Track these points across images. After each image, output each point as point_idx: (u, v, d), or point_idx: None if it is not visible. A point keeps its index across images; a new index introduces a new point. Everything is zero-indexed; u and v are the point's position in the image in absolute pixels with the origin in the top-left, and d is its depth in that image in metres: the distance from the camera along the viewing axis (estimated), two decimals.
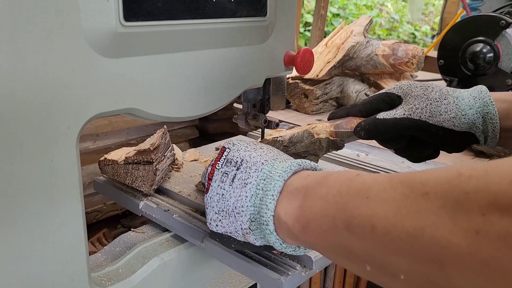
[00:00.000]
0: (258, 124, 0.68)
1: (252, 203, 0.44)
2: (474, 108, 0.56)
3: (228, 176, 0.46)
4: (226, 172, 0.47)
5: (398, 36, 5.30)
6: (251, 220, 0.44)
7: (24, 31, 0.38)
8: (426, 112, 0.57)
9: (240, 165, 0.46)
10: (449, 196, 0.28)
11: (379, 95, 0.63)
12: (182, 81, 0.51)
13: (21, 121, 0.39)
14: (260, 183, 0.44)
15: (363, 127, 0.60)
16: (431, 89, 0.59)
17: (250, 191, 0.44)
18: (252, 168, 0.45)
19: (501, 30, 1.08)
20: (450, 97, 0.58)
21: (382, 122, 0.58)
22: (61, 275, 0.44)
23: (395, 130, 0.58)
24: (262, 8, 0.58)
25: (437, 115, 0.57)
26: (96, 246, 1.08)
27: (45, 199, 0.42)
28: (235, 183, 0.45)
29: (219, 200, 0.46)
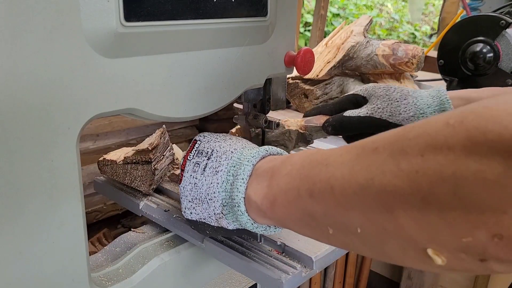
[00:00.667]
0: (259, 124, 0.68)
1: (224, 189, 0.46)
2: (432, 107, 0.60)
3: (199, 166, 0.49)
4: (197, 163, 0.49)
5: (398, 36, 5.30)
6: (223, 205, 0.46)
7: (24, 31, 0.38)
8: (386, 111, 0.61)
9: (211, 155, 0.49)
10: (395, 146, 0.30)
11: (347, 96, 0.68)
12: (183, 81, 0.51)
13: (21, 121, 0.39)
14: (230, 170, 0.46)
15: (330, 123, 0.65)
16: (393, 89, 0.64)
17: (221, 177, 0.46)
18: (222, 157, 0.48)
19: (501, 30, 1.08)
20: (410, 98, 0.62)
21: (347, 120, 0.63)
22: (61, 275, 0.44)
23: (358, 128, 0.63)
24: (262, 8, 0.58)
25: (396, 114, 0.61)
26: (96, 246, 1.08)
27: (45, 199, 0.42)
28: (207, 172, 0.48)
29: (192, 189, 0.49)
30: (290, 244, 0.53)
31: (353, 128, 0.63)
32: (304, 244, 0.53)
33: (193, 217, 0.50)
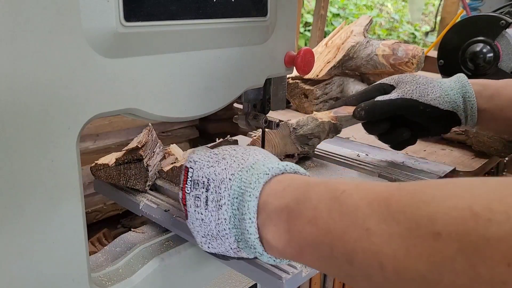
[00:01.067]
0: (259, 124, 0.68)
1: (233, 225, 0.43)
2: (455, 89, 0.67)
3: (200, 200, 0.45)
4: (197, 196, 0.45)
5: (398, 36, 5.30)
6: (238, 241, 0.43)
7: (24, 31, 0.38)
8: (416, 93, 0.67)
9: (208, 185, 0.44)
10: (466, 240, 0.26)
11: (374, 86, 0.73)
12: (183, 81, 0.51)
13: (21, 121, 0.39)
14: (234, 203, 0.42)
15: (363, 108, 0.69)
16: (419, 76, 0.71)
17: (227, 212, 0.42)
18: (221, 187, 0.43)
19: (501, 30, 1.08)
20: (434, 82, 0.69)
21: (380, 103, 0.68)
22: (61, 275, 0.44)
23: (390, 110, 0.68)
24: (262, 8, 0.58)
25: (424, 95, 0.67)
26: (96, 246, 1.08)
27: (45, 199, 0.42)
28: (210, 206, 0.44)
29: (200, 225, 0.45)
30: None
31: (385, 110, 0.67)
32: None
33: (211, 250, 0.47)
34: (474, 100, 0.66)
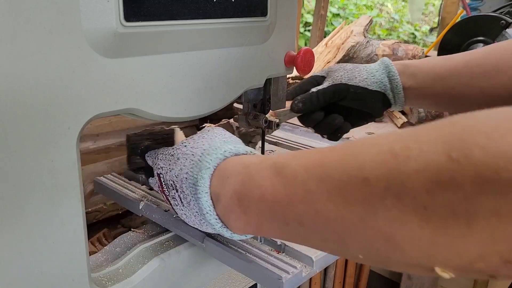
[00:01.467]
0: (259, 124, 0.68)
1: (207, 217, 0.46)
2: (380, 71, 0.71)
3: (176, 199, 0.49)
4: (173, 196, 0.50)
5: (398, 36, 5.30)
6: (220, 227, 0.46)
7: (24, 31, 0.38)
8: (344, 77, 0.71)
9: (175, 186, 0.49)
10: (391, 179, 0.28)
11: (307, 79, 0.75)
12: (183, 81, 0.51)
13: (21, 121, 0.39)
14: (196, 198, 0.46)
15: (300, 100, 0.70)
16: (345, 64, 0.75)
17: (195, 207, 0.47)
18: (183, 187, 0.47)
19: (501, 30, 1.08)
20: (360, 66, 0.73)
21: (314, 94, 0.70)
22: (61, 275, 0.44)
23: (326, 98, 0.70)
24: (262, 8, 0.58)
25: (353, 78, 0.71)
26: (96, 246, 1.08)
27: (45, 199, 0.42)
28: (184, 204, 0.48)
29: (186, 218, 0.50)
30: (290, 244, 0.53)
31: (320, 100, 0.70)
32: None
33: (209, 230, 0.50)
34: (398, 79, 0.70)
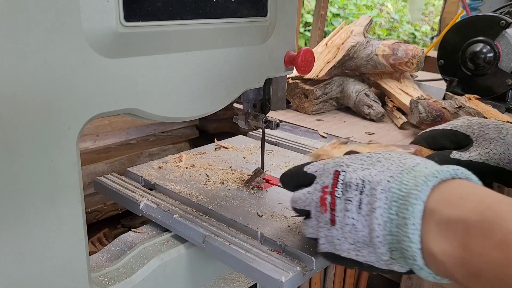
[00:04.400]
0: (259, 124, 0.68)
1: (388, 231, 0.38)
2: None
3: (352, 203, 0.41)
4: (349, 199, 0.41)
5: (398, 36, 5.30)
6: (392, 250, 0.39)
7: (24, 31, 0.38)
8: (504, 158, 0.53)
9: (363, 187, 0.40)
10: None
11: (444, 131, 0.58)
12: (183, 81, 0.51)
13: (21, 121, 0.39)
14: (392, 206, 0.38)
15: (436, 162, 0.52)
16: (506, 131, 0.56)
17: (382, 217, 0.38)
18: (377, 188, 0.39)
19: (501, 30, 1.08)
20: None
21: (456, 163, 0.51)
22: (61, 275, 0.44)
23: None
24: (262, 8, 0.58)
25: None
26: (96, 246, 1.08)
27: (45, 199, 0.42)
28: (363, 210, 0.40)
29: (351, 231, 0.41)
30: (290, 244, 0.53)
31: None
32: (304, 244, 0.53)
33: (360, 259, 0.42)
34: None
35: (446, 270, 0.36)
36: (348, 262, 0.43)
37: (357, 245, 0.41)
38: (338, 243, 0.43)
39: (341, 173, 0.43)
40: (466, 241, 0.34)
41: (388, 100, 1.15)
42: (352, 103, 1.13)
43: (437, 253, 0.35)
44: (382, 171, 0.40)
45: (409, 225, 0.36)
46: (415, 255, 0.37)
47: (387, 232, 0.38)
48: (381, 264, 0.41)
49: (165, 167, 0.75)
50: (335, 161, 0.45)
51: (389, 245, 0.39)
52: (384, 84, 1.16)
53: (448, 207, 0.36)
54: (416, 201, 0.37)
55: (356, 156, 0.45)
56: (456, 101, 0.95)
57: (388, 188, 0.39)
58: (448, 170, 0.38)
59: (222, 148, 0.85)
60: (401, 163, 0.41)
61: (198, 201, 0.63)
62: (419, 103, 0.97)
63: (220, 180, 0.70)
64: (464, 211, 0.35)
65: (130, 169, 0.74)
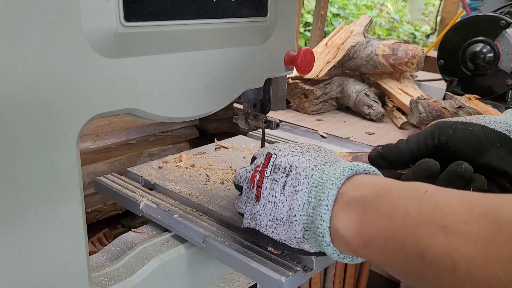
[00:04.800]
0: (259, 124, 0.68)
1: (305, 212, 0.43)
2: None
3: (278, 184, 0.45)
4: (275, 179, 0.45)
5: (398, 36, 5.30)
6: (305, 230, 0.43)
7: (24, 31, 0.38)
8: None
9: (290, 171, 0.45)
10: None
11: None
12: (183, 81, 0.51)
13: (21, 121, 0.39)
14: (312, 190, 0.43)
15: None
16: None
17: (302, 199, 0.43)
18: (301, 174, 0.44)
19: (501, 30, 1.08)
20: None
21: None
22: (61, 275, 0.44)
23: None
24: (262, 8, 0.58)
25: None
26: (96, 246, 1.08)
27: (45, 199, 0.42)
28: (286, 191, 0.44)
29: (272, 208, 0.45)
30: None
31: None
32: None
33: (274, 237, 0.46)
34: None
35: (346, 243, 0.40)
36: (264, 239, 0.48)
37: (275, 222, 0.45)
38: (259, 218, 0.47)
39: (272, 156, 0.48)
40: (362, 215, 0.39)
41: (388, 100, 1.15)
42: (352, 103, 1.13)
43: (339, 228, 0.40)
44: (309, 159, 0.46)
45: (322, 206, 0.41)
46: (324, 232, 0.41)
47: (304, 212, 0.43)
48: (293, 242, 0.45)
49: (165, 167, 0.75)
50: (271, 146, 0.51)
51: (303, 225, 0.43)
52: (384, 84, 1.16)
53: (353, 190, 0.41)
54: (332, 186, 0.41)
55: (289, 144, 0.50)
56: (456, 101, 0.95)
57: (311, 175, 0.43)
58: (363, 166, 0.43)
59: (222, 148, 0.85)
60: (326, 156, 0.46)
61: (198, 201, 0.63)
62: (419, 103, 0.97)
63: (220, 180, 0.70)
64: (364, 192, 0.39)
65: (130, 169, 0.74)
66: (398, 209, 0.36)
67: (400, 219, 0.35)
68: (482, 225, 0.30)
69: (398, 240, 0.35)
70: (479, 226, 0.30)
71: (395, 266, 0.36)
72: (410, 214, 0.35)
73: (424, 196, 0.35)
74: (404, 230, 0.34)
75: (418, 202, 0.35)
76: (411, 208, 0.35)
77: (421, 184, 0.37)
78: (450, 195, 0.34)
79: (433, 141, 0.53)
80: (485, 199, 0.32)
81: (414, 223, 0.34)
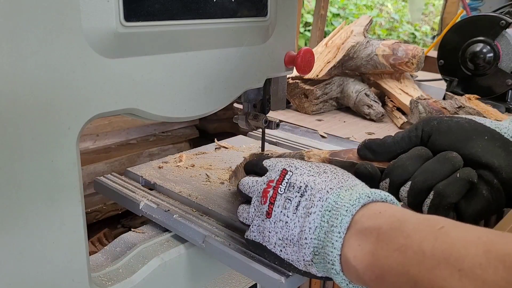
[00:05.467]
0: (259, 124, 0.68)
1: (316, 236, 0.42)
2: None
3: (291, 203, 0.44)
4: (289, 198, 0.45)
5: (398, 36, 5.30)
6: (315, 254, 0.42)
7: (24, 31, 0.38)
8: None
9: (305, 191, 0.44)
10: None
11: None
12: (183, 81, 0.51)
13: (21, 121, 0.39)
14: (325, 215, 0.42)
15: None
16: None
17: (314, 222, 0.42)
18: (316, 196, 0.43)
19: (501, 30, 1.08)
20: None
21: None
22: (61, 275, 0.44)
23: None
24: (262, 8, 0.58)
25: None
26: (96, 246, 1.08)
27: (45, 199, 0.42)
28: (299, 211, 0.43)
29: (282, 227, 0.44)
30: None
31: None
32: None
33: (282, 256, 0.45)
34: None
35: (357, 274, 0.39)
36: (271, 256, 0.47)
37: (284, 241, 0.44)
38: (268, 235, 0.46)
39: (288, 173, 0.47)
40: (375, 247, 0.37)
41: (388, 100, 1.15)
42: (352, 103, 1.13)
43: (351, 258, 0.39)
44: (325, 181, 0.45)
45: (335, 233, 0.40)
46: (334, 260, 0.40)
47: (315, 236, 0.42)
48: (301, 264, 0.44)
49: (165, 167, 0.75)
50: (287, 161, 0.49)
51: (313, 248, 0.42)
52: (384, 84, 1.16)
53: (368, 219, 0.39)
54: (346, 213, 0.40)
55: (306, 162, 0.49)
56: (456, 101, 0.95)
57: (326, 198, 0.42)
58: (380, 194, 0.42)
59: (222, 148, 0.85)
60: (343, 179, 0.45)
61: (198, 201, 0.63)
62: (419, 103, 0.97)
63: (220, 180, 0.70)
64: (378, 222, 0.38)
65: (130, 169, 0.74)
66: (412, 245, 0.35)
67: (414, 256, 0.34)
68: (500, 272, 0.29)
69: (411, 278, 0.34)
70: (496, 273, 0.29)
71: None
72: (424, 252, 0.33)
73: (440, 233, 0.34)
74: (418, 269, 0.33)
75: (433, 239, 0.34)
76: (426, 246, 0.34)
77: (438, 219, 0.36)
78: (468, 234, 0.32)
79: (416, 132, 0.52)
80: (503, 240, 0.31)
81: (429, 263, 0.33)
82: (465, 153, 0.48)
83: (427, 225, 0.35)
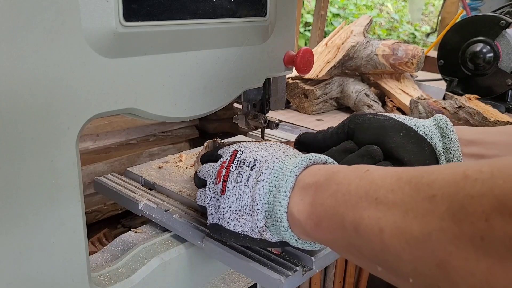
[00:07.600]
0: (258, 124, 0.68)
1: (266, 200, 0.44)
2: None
3: (242, 176, 0.47)
4: (240, 173, 0.47)
5: (398, 36, 5.30)
6: (266, 218, 0.44)
7: (24, 31, 0.38)
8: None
9: (254, 164, 0.47)
10: (455, 200, 0.27)
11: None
12: (182, 81, 0.51)
13: (21, 121, 0.39)
14: (272, 180, 0.44)
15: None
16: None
17: (264, 188, 0.44)
18: (264, 165, 0.46)
19: (501, 30, 1.08)
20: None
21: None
22: (61, 275, 0.44)
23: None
24: (262, 8, 0.58)
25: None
26: (96, 246, 1.08)
27: (45, 199, 0.42)
28: (250, 183, 0.46)
29: (236, 200, 0.47)
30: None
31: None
32: None
33: (236, 229, 0.47)
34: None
35: (301, 226, 0.41)
36: (226, 233, 0.49)
37: (238, 213, 0.47)
38: (222, 211, 0.48)
39: (238, 152, 0.50)
40: (313, 198, 0.40)
41: (388, 100, 1.15)
42: (352, 103, 1.13)
43: (295, 212, 0.42)
44: (271, 153, 0.48)
45: (281, 193, 0.43)
46: (282, 217, 0.43)
47: (265, 201, 0.44)
48: (255, 232, 0.46)
49: (165, 167, 0.75)
50: (238, 144, 0.53)
51: (265, 213, 0.44)
52: (384, 84, 1.16)
53: (308, 177, 0.43)
54: (290, 173, 0.43)
55: (255, 142, 0.53)
56: (456, 101, 0.95)
57: (273, 166, 0.45)
58: (321, 157, 0.46)
59: None
60: (288, 151, 0.50)
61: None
62: (419, 103, 0.97)
63: None
64: (317, 177, 0.41)
65: (130, 169, 0.74)
66: (341, 188, 0.38)
67: (342, 197, 0.37)
68: (406, 191, 0.31)
69: (340, 216, 0.36)
70: (403, 192, 0.32)
71: (339, 243, 0.38)
72: (350, 192, 0.36)
73: (365, 174, 0.37)
74: (345, 206, 0.36)
75: (358, 180, 0.37)
76: (352, 186, 0.37)
77: (365, 166, 0.39)
78: (388, 171, 0.35)
79: (343, 129, 0.56)
80: (414, 169, 0.33)
81: (353, 199, 0.36)
82: (382, 148, 0.52)
83: (355, 170, 0.39)
